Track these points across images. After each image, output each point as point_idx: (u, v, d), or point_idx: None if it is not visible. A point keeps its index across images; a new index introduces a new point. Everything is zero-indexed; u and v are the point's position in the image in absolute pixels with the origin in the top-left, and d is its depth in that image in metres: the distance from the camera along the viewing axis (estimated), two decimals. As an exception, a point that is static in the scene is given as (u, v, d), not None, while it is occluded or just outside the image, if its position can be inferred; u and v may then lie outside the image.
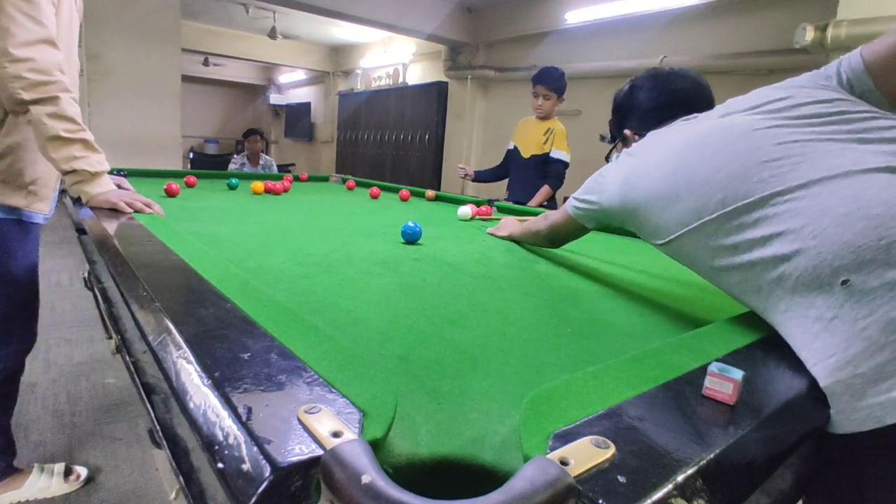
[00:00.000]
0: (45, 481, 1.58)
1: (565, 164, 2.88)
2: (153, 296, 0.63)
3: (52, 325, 3.00)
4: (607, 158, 1.20)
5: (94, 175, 1.25)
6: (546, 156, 2.87)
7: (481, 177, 3.18)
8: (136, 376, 0.54)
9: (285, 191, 2.60)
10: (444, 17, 5.60)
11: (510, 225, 1.59)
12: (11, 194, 1.32)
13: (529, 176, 2.91)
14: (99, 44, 3.73)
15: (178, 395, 0.43)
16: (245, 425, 0.36)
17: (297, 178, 3.33)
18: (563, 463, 0.33)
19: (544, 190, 2.83)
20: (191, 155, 9.59)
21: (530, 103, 2.92)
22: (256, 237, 1.38)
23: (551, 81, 2.82)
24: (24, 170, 1.33)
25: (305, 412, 0.38)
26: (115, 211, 1.25)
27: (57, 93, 1.18)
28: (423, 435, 0.45)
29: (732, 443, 0.39)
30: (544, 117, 2.90)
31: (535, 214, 2.25)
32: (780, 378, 0.53)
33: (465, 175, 3.08)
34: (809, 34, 2.45)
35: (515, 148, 3.03)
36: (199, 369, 0.44)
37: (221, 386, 0.41)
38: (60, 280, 3.88)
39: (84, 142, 1.22)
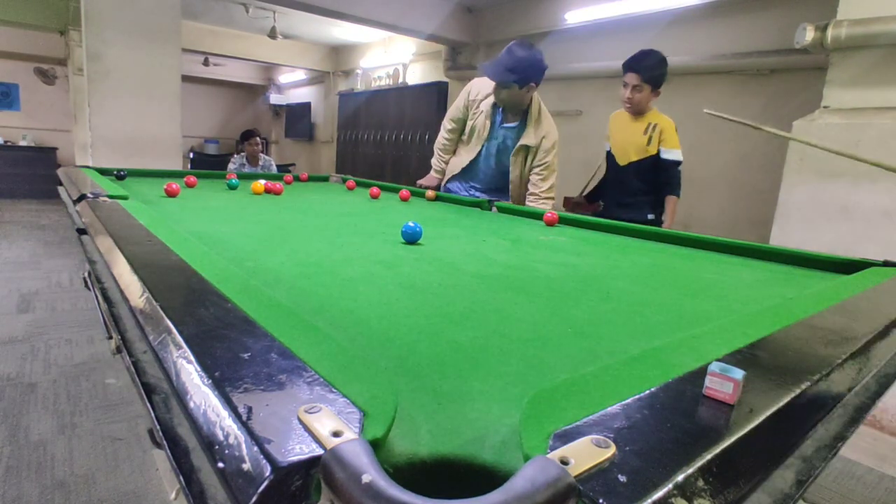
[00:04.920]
0: None
1: (679, 164, 2.40)
2: (153, 296, 0.63)
3: (52, 325, 3.00)
4: None
5: None
6: (654, 159, 2.41)
7: (595, 198, 2.69)
8: (136, 376, 0.54)
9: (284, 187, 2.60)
10: (444, 17, 5.59)
11: None
12: None
13: (628, 186, 2.49)
14: (99, 44, 3.73)
15: (179, 395, 0.43)
16: (245, 425, 0.36)
17: (297, 178, 3.33)
18: (564, 462, 0.33)
19: (671, 202, 2.37)
20: (191, 155, 9.59)
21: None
22: (256, 237, 1.38)
23: (644, 70, 2.35)
24: None
25: (306, 412, 0.38)
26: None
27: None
28: (424, 434, 0.45)
29: (733, 442, 0.39)
30: (639, 112, 2.44)
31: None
32: (780, 377, 0.53)
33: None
34: (809, 34, 2.45)
35: (610, 151, 2.58)
36: (199, 369, 0.44)
37: (221, 385, 0.41)
38: (60, 280, 3.89)
39: None
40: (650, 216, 2.44)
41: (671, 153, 2.38)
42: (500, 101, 2.47)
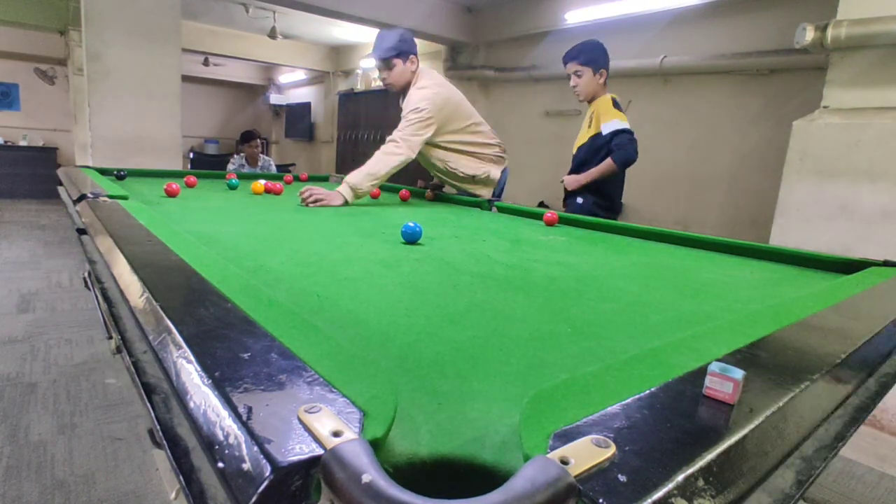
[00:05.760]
0: None
1: (623, 131, 2.28)
2: (153, 296, 0.63)
3: (52, 325, 3.00)
4: None
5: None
6: (594, 138, 2.37)
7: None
8: (136, 376, 0.54)
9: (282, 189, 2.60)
10: (444, 17, 5.59)
11: None
12: None
13: (578, 172, 2.47)
14: (99, 44, 3.72)
15: (179, 395, 0.43)
16: (245, 425, 0.36)
17: (297, 178, 3.33)
18: (564, 462, 0.33)
19: (604, 164, 2.30)
20: (191, 155, 9.59)
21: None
22: (256, 237, 1.38)
23: (576, 56, 2.38)
24: None
25: (306, 412, 0.38)
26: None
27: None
28: (424, 434, 0.45)
29: (733, 442, 0.39)
30: (587, 100, 2.47)
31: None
32: (780, 377, 0.53)
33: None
34: (809, 34, 2.44)
35: None
36: (199, 369, 0.44)
37: (221, 385, 0.41)
38: (60, 280, 3.89)
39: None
40: (579, 200, 2.41)
41: (608, 125, 2.30)
42: (389, 84, 2.50)
